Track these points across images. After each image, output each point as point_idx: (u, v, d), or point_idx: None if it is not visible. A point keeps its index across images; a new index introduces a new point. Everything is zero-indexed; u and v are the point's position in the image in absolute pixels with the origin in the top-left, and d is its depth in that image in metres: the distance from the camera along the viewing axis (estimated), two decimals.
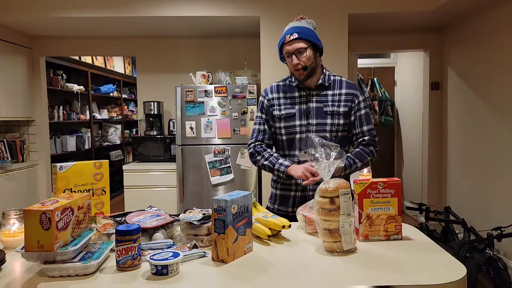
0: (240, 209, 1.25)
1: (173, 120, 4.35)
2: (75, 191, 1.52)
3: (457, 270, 1.10)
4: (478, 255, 2.86)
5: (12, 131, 4.49)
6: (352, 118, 1.83)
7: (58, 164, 1.51)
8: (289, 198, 1.84)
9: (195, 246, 1.30)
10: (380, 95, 5.75)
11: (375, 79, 5.83)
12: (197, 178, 3.86)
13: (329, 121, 1.80)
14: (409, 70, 5.35)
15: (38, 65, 4.50)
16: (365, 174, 3.04)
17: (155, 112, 4.35)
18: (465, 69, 4.04)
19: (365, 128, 1.83)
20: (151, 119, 4.35)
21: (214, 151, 3.84)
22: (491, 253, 2.82)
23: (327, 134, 1.79)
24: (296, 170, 1.71)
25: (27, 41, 4.39)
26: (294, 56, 1.76)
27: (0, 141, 4.17)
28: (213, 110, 3.84)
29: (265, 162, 1.82)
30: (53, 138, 5.17)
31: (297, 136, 1.82)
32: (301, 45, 1.75)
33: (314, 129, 1.80)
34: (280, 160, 1.79)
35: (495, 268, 2.75)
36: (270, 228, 1.41)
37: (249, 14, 3.72)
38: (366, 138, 1.82)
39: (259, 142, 1.88)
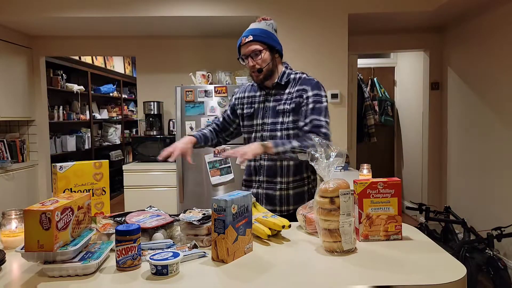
0: (240, 209, 1.25)
1: (173, 120, 4.35)
2: (75, 191, 1.52)
3: (457, 270, 1.10)
4: (478, 255, 2.86)
5: (12, 131, 4.49)
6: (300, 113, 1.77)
7: (58, 164, 1.51)
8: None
9: (195, 246, 1.29)
10: (380, 95, 5.75)
11: (375, 79, 5.83)
12: (197, 178, 3.86)
13: (280, 119, 1.80)
14: (409, 70, 5.35)
15: (38, 65, 4.50)
16: (365, 174, 3.04)
17: (155, 112, 4.35)
18: (465, 69, 4.04)
19: (308, 119, 1.72)
20: (151, 119, 4.35)
21: (214, 151, 3.83)
22: (491, 253, 2.82)
23: (278, 133, 1.80)
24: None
25: (27, 41, 4.39)
26: (250, 58, 1.79)
27: (0, 141, 4.17)
28: (213, 110, 3.84)
29: None
30: (53, 138, 5.17)
31: (253, 135, 1.87)
32: (256, 47, 1.76)
33: (268, 128, 1.82)
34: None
35: (495, 268, 2.75)
36: (270, 228, 1.41)
37: (248, 14, 3.71)
38: (307, 128, 1.70)
39: (211, 121, 2.07)
